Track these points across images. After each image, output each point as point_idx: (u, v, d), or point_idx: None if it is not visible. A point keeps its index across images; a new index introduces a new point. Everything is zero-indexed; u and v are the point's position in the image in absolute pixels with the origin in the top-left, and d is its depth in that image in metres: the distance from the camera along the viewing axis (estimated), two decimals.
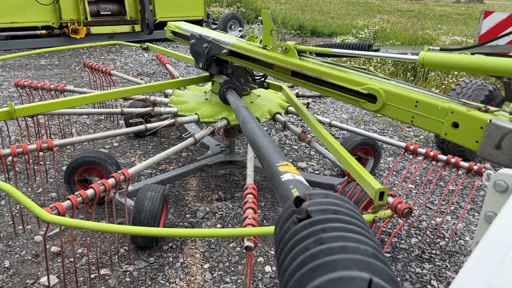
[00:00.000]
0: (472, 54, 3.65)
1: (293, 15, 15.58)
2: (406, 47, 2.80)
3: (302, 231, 0.70)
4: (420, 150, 3.06)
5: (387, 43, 10.48)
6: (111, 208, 2.69)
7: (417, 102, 2.22)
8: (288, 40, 12.02)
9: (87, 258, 2.64)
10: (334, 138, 2.72)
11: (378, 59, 8.39)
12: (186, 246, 2.93)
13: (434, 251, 3.10)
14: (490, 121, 1.97)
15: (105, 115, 5.20)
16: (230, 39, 3.15)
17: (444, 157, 2.99)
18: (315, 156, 4.55)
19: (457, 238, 3.28)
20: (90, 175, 3.18)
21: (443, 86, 7.38)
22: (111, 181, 2.40)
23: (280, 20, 14.40)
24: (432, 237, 3.24)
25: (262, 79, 3.55)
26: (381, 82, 2.41)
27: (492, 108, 2.10)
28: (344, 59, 8.17)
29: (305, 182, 1.03)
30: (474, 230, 3.35)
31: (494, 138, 1.97)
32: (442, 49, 2.26)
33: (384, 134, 5.40)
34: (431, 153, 2.99)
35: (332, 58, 3.10)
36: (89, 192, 2.27)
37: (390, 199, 2.20)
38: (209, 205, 3.44)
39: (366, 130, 5.06)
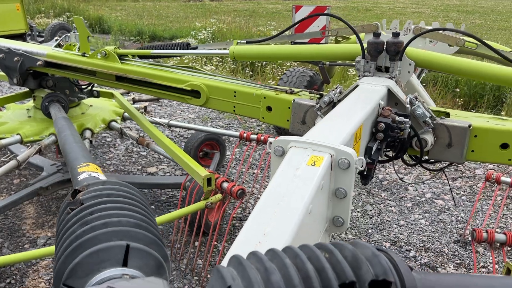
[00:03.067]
0: (292, 43, 4.08)
1: (130, 21, 15.16)
2: (220, 43, 3.02)
3: (72, 219, 0.73)
4: (252, 136, 3.33)
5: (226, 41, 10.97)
6: None
7: (235, 92, 2.41)
8: (128, 47, 11.68)
9: None
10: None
11: (219, 58, 8.76)
12: (28, 278, 2.67)
13: None
14: (294, 101, 2.25)
15: None
16: (45, 49, 2.95)
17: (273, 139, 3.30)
18: (165, 160, 4.56)
19: None
20: None
21: (278, 78, 8.06)
22: None
23: (117, 27, 13.89)
24: None
25: (89, 87, 3.42)
26: (204, 78, 2.55)
27: (296, 90, 2.40)
28: (186, 61, 8.32)
29: (102, 178, 1.07)
30: None
31: (299, 115, 2.27)
32: (248, 42, 2.50)
33: (230, 128, 5.68)
34: (262, 138, 3.27)
35: (168, 60, 3.15)
36: None
37: (225, 184, 2.36)
38: (51, 229, 3.19)
39: (213, 127, 5.26)
